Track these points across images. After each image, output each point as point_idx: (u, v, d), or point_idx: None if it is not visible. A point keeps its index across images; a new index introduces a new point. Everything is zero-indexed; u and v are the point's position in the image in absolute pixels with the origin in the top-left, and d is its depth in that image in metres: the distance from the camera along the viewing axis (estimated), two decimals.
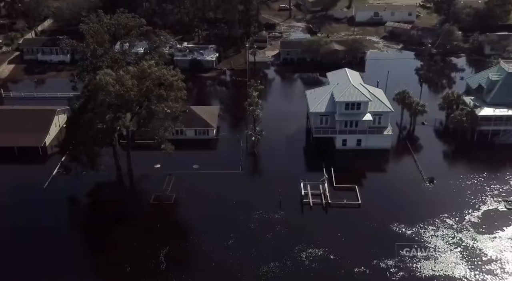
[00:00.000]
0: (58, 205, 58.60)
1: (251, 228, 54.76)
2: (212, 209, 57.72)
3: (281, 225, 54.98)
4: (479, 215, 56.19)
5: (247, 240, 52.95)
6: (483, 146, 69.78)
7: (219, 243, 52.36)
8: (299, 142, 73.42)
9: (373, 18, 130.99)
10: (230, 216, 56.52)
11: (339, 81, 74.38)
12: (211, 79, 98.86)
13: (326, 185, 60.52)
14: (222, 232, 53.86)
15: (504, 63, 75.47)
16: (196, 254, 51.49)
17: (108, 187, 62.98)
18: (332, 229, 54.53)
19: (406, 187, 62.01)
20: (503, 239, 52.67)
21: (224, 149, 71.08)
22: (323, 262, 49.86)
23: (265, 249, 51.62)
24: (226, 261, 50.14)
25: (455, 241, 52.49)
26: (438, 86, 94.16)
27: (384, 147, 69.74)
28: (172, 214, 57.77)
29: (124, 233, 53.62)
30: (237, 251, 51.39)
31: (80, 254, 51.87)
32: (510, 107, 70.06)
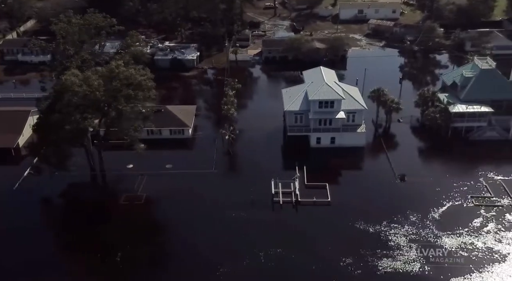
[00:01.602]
0: (26, 206, 58.48)
1: (221, 227, 54.95)
2: (182, 209, 57.92)
3: (250, 224, 54.93)
4: (445, 212, 56.37)
5: (216, 239, 53.04)
6: (457, 143, 69.99)
7: (187, 242, 52.48)
8: (276, 140, 73.53)
9: (357, 15, 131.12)
10: (200, 216, 56.62)
11: (314, 80, 74.44)
12: (192, 78, 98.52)
13: (297, 183, 60.68)
14: (190, 231, 54.04)
15: (478, 60, 75.78)
16: (162, 254, 51.35)
17: (80, 187, 62.93)
18: (299, 227, 54.67)
19: (377, 185, 62.24)
20: (464, 235, 52.54)
21: (199, 148, 71.11)
22: (286, 259, 49.81)
23: (233, 247, 51.63)
24: (191, 260, 50.19)
25: (416, 238, 52.45)
26: (418, 83, 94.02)
27: (358, 144, 70.07)
28: (141, 214, 57.55)
29: (91, 233, 53.38)
30: (205, 250, 51.32)
31: (48, 254, 51.51)
32: (483, 104, 70.62)
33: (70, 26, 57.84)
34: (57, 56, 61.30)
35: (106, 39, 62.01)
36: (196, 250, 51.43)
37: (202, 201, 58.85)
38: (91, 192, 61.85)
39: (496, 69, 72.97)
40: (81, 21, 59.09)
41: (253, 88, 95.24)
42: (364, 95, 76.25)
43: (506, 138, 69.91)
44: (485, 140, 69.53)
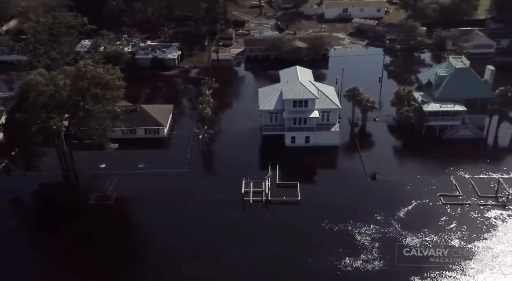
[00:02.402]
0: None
1: (188, 227, 54.91)
2: (151, 209, 57.93)
3: (219, 223, 54.96)
4: (412, 211, 56.51)
5: (182, 239, 52.97)
6: (431, 142, 70.36)
7: (152, 242, 52.49)
8: (252, 140, 73.37)
9: (342, 14, 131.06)
10: (168, 215, 56.61)
11: (289, 79, 74.59)
12: (172, 77, 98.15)
13: (268, 183, 60.64)
14: (157, 231, 54.06)
15: (453, 59, 76.07)
16: (128, 254, 51.29)
17: (51, 187, 62.69)
18: (266, 226, 54.71)
19: (348, 183, 62.42)
20: (427, 233, 52.72)
21: (174, 148, 71.19)
22: (251, 259, 49.85)
23: (199, 247, 51.59)
24: (156, 260, 50.13)
25: (380, 236, 52.60)
26: (398, 82, 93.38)
27: (333, 143, 70.20)
28: (109, 214, 57.34)
29: (57, 233, 53.17)
30: (170, 250, 51.29)
31: (14, 254, 51.25)
32: (457, 103, 70.89)
33: (38, 25, 57.74)
34: (27, 56, 61.32)
35: (76, 38, 61.85)
36: (161, 250, 51.36)
37: (171, 200, 58.88)
38: (62, 192, 61.50)
39: (470, 68, 73.27)
40: (50, 20, 59.00)
41: (232, 87, 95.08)
42: (342, 94, 77.10)
43: (479, 137, 70.38)
44: (458, 138, 69.71)
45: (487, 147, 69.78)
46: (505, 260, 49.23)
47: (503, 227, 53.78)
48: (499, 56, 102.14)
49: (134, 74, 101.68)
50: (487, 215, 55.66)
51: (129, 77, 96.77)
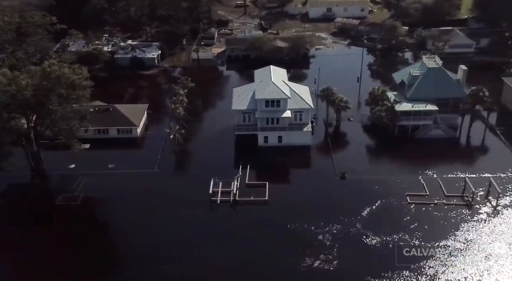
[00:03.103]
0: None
1: (154, 227, 54.53)
2: (117, 209, 57.76)
3: (185, 223, 54.77)
4: (377, 210, 56.50)
5: (147, 239, 52.64)
6: (403, 141, 70.33)
7: (116, 243, 52.43)
8: (226, 139, 72.76)
9: (326, 14, 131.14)
10: (135, 216, 56.34)
11: (263, 79, 74.44)
12: (151, 77, 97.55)
13: (236, 183, 60.45)
14: (122, 232, 53.90)
15: (426, 58, 76.16)
16: (91, 255, 50.87)
17: (19, 188, 62.08)
18: (231, 226, 54.56)
19: (318, 183, 62.42)
20: (389, 233, 52.50)
21: (146, 148, 70.94)
22: (213, 259, 49.58)
23: (166, 247, 51.38)
24: (121, 261, 50.01)
25: (342, 236, 52.58)
26: (377, 82, 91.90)
27: (305, 143, 70.16)
28: (74, 215, 56.83)
29: (20, 234, 52.88)
30: (134, 251, 51.00)
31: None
32: (429, 102, 70.98)
33: (4, 24, 57.31)
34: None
35: (43, 38, 61.43)
36: (125, 251, 51.26)
37: (138, 201, 58.60)
38: (29, 193, 60.95)
39: (443, 67, 73.38)
40: (16, 20, 58.62)
41: (211, 86, 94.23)
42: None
43: (451, 136, 70.46)
44: (430, 138, 69.85)
45: (459, 147, 69.88)
46: (463, 260, 49.11)
47: (463, 226, 53.63)
48: (478, 56, 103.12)
49: (113, 73, 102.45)
50: (449, 214, 55.58)
51: (108, 76, 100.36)
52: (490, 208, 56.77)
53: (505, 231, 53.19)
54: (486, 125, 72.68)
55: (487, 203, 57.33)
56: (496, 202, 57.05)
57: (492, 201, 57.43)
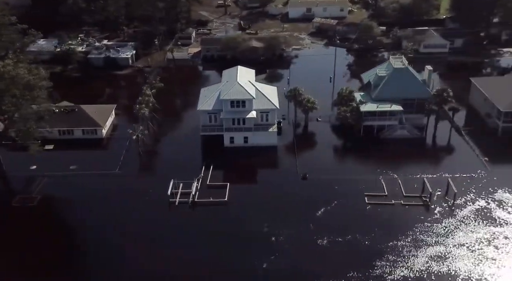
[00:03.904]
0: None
1: (110, 228, 54.25)
2: (74, 210, 57.53)
3: (142, 224, 54.34)
4: (332, 210, 56.41)
5: (102, 240, 52.25)
6: (368, 142, 70.49)
7: (69, 244, 52.07)
8: (192, 140, 71.85)
9: (306, 14, 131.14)
10: (91, 218, 56.04)
11: (229, 79, 74.46)
12: (124, 77, 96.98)
13: (196, 184, 60.13)
14: (76, 232, 53.69)
15: (392, 59, 76.41)
16: (45, 256, 50.43)
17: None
18: (186, 227, 54.07)
19: (279, 184, 62.34)
20: (340, 234, 52.33)
21: (111, 149, 70.50)
22: (165, 260, 49.19)
23: (120, 248, 51.07)
24: (72, 263, 49.63)
25: (295, 236, 52.30)
26: (350, 82, 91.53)
27: (271, 143, 70.03)
28: (29, 216, 56.31)
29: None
30: (88, 252, 50.93)
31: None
32: (394, 103, 70.96)
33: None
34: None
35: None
36: (78, 252, 50.94)
37: (96, 202, 58.26)
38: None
39: (408, 68, 73.52)
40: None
41: (183, 86, 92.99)
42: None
43: (416, 137, 70.45)
44: (395, 138, 69.85)
45: (423, 147, 69.82)
46: (413, 260, 49.03)
47: (416, 226, 53.49)
48: (452, 56, 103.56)
49: (86, 73, 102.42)
50: (405, 215, 55.61)
51: (80, 77, 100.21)
52: (445, 208, 56.69)
53: (455, 232, 52.85)
54: (452, 125, 72.81)
55: (443, 204, 57.35)
56: (453, 202, 57.17)
57: (449, 201, 57.41)
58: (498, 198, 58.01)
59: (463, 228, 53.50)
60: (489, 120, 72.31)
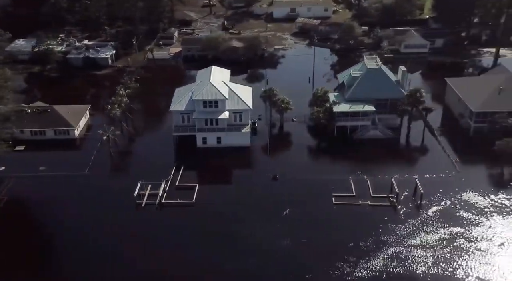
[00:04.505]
0: None
1: (74, 230, 53.64)
2: (39, 212, 57.05)
3: (107, 226, 53.90)
4: (299, 211, 56.05)
5: (66, 243, 51.87)
6: (342, 142, 70.36)
7: (37, 245, 51.55)
8: (165, 141, 70.84)
9: (290, 14, 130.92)
10: (56, 219, 55.56)
11: (203, 79, 74.26)
12: (103, 77, 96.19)
13: (164, 185, 59.76)
14: (41, 234, 53.18)
15: (366, 59, 76.27)
16: (11, 258, 49.98)
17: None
18: (151, 229, 53.69)
19: (249, 184, 62.09)
20: (304, 234, 52.04)
21: (83, 149, 69.92)
22: (122, 262, 49.09)
23: (81, 250, 50.65)
24: (38, 264, 49.19)
25: (260, 237, 51.89)
26: (330, 83, 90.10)
27: (244, 144, 69.89)
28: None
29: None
30: (55, 254, 50.55)
31: None
32: (367, 103, 70.93)
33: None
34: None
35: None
36: (42, 254, 50.46)
37: (63, 203, 57.79)
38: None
39: (382, 68, 73.46)
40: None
41: (160, 86, 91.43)
42: None
43: (389, 137, 70.23)
44: (368, 139, 69.80)
45: (394, 148, 69.51)
46: (373, 261, 48.79)
47: (381, 227, 53.38)
48: (432, 56, 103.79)
49: (65, 74, 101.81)
50: (370, 215, 55.37)
51: (59, 77, 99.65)
52: (411, 209, 56.56)
53: (417, 233, 52.40)
54: (425, 125, 72.59)
55: (409, 204, 57.23)
56: (419, 203, 57.19)
57: (416, 202, 57.29)
58: (463, 199, 57.95)
59: (425, 228, 53.35)
60: (462, 120, 72.48)
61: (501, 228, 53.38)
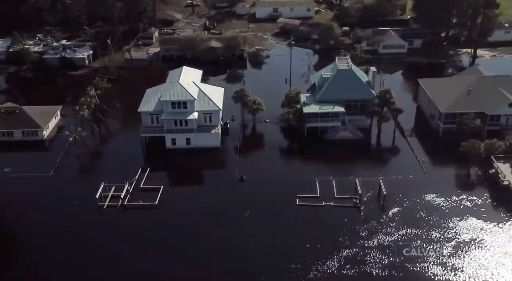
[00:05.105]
0: None
1: (36, 232, 53.16)
2: (1, 214, 56.27)
3: (67, 228, 53.34)
4: (262, 213, 55.56)
5: (28, 246, 51.33)
6: (312, 143, 70.05)
7: None
8: (136, 142, 69.62)
9: (272, 14, 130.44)
10: (17, 221, 54.76)
11: (173, 80, 73.74)
12: (78, 78, 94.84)
13: (128, 187, 59.04)
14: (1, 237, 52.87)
15: (338, 60, 75.95)
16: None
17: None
18: (112, 232, 53.20)
19: (214, 186, 61.74)
20: (264, 236, 51.63)
21: (50, 151, 69.34)
22: (79, 265, 48.57)
23: (37, 253, 50.29)
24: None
25: (223, 239, 51.43)
26: (306, 84, 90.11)
27: (214, 145, 69.46)
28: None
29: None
30: (15, 256, 49.75)
31: None
32: (337, 104, 70.43)
33: None
34: None
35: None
36: (3, 255, 51.13)
37: (25, 205, 57.06)
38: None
39: (352, 69, 73.06)
40: None
41: (135, 87, 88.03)
42: None
43: (359, 138, 69.87)
44: (338, 140, 69.47)
45: (363, 149, 69.11)
46: (328, 263, 48.44)
47: (340, 228, 52.96)
48: (410, 57, 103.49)
49: (41, 74, 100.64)
50: (332, 216, 54.94)
51: (34, 77, 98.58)
52: (373, 210, 56.07)
53: (375, 234, 52.06)
54: (396, 126, 71.73)
55: (371, 206, 56.85)
56: (382, 204, 57.02)
57: (378, 203, 57.02)
58: (426, 200, 57.65)
59: (384, 230, 52.87)
60: (433, 121, 72.62)
61: (460, 230, 52.86)
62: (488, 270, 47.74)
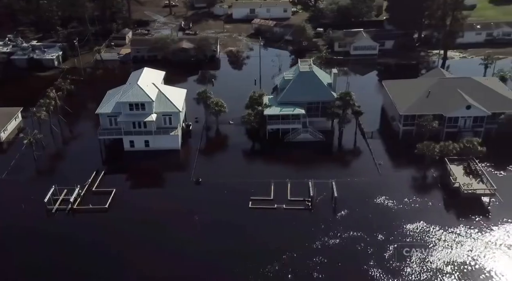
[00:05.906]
0: None
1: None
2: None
3: (15, 231, 52.57)
4: (213, 216, 54.96)
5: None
6: (273, 145, 69.60)
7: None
8: (94, 144, 68.83)
9: (249, 15, 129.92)
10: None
11: (133, 81, 72.84)
12: (46, 79, 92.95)
13: (79, 190, 58.30)
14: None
15: (300, 62, 75.51)
16: None
17: None
18: (58, 236, 52.47)
19: (169, 189, 61.25)
20: (207, 239, 51.24)
21: (6, 153, 67.92)
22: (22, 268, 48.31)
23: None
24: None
25: (169, 243, 51.07)
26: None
27: (173, 147, 68.83)
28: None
29: None
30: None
31: None
32: (298, 106, 70.03)
33: None
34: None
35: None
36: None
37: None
38: None
39: (313, 71, 72.42)
40: None
41: (101, 88, 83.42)
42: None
43: (319, 140, 69.25)
44: (299, 142, 68.99)
45: (323, 151, 68.51)
46: (270, 268, 47.93)
47: (288, 231, 52.56)
48: (382, 58, 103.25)
49: (8, 75, 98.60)
50: (283, 219, 54.46)
51: (0, 78, 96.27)
52: (324, 213, 55.65)
53: (322, 237, 51.49)
54: (358, 128, 71.33)
55: (323, 209, 56.41)
56: (334, 206, 56.49)
57: (330, 205, 56.63)
58: (376, 203, 57.20)
59: (331, 233, 52.14)
60: (393, 123, 72.49)
61: (407, 232, 52.43)
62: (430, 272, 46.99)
